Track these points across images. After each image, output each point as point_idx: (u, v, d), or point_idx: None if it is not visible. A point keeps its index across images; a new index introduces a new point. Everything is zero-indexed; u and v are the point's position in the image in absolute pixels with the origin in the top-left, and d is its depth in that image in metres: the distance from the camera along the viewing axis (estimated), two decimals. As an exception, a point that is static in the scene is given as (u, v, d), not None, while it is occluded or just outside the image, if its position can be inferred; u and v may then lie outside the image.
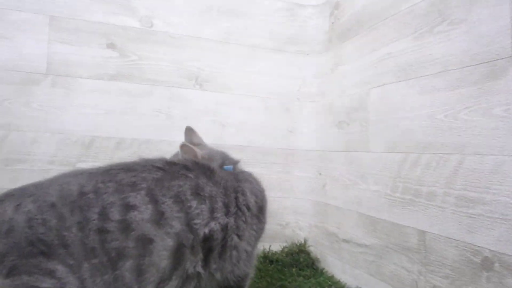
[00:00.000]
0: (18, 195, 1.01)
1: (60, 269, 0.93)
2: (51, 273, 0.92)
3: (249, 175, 1.31)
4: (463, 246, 1.13)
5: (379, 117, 1.50)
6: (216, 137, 1.86)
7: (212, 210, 1.06)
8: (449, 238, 1.17)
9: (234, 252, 1.13)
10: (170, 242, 0.99)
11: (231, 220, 1.10)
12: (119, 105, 1.75)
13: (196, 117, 1.85)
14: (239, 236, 1.13)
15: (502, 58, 1.05)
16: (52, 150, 1.66)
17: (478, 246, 1.09)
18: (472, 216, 1.10)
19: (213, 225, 1.06)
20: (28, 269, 0.92)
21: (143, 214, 0.98)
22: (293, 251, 1.91)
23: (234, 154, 1.82)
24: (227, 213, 1.10)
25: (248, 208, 1.17)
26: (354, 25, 1.70)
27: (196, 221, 1.03)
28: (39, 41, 1.65)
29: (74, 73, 1.69)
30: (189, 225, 1.02)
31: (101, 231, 0.95)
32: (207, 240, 1.05)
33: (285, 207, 1.96)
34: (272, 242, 1.93)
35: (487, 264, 1.06)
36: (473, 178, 1.11)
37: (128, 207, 0.98)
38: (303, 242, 1.95)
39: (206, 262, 1.06)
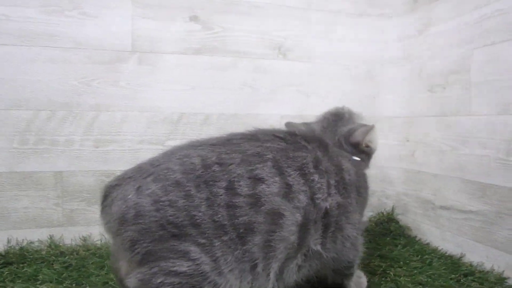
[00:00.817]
0: (135, 177, 0.97)
1: (194, 250, 0.90)
2: (185, 256, 0.90)
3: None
4: None
5: (486, 78, 1.43)
6: (301, 107, 1.82)
7: (329, 186, 1.03)
8: None
9: (343, 234, 1.08)
10: (299, 217, 0.97)
11: (341, 199, 1.05)
12: (204, 80, 1.72)
13: (281, 88, 1.81)
14: (347, 218, 1.08)
15: None
16: (141, 129, 1.66)
17: None
18: None
19: (331, 200, 1.02)
20: (162, 255, 0.90)
21: (271, 187, 0.95)
22: (382, 220, 1.88)
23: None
24: (338, 191, 1.05)
25: (357, 191, 1.13)
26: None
27: (318, 195, 1.00)
28: (124, 18, 1.63)
29: (158, 49, 1.67)
30: (313, 199, 0.99)
31: (230, 206, 0.92)
32: (326, 216, 1.02)
33: (370, 175, 1.91)
34: (359, 212, 1.90)
35: None
36: None
37: (257, 180, 0.95)
38: (390, 210, 1.92)
39: (323, 240, 1.03)
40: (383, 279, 1.35)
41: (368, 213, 1.92)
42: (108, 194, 0.98)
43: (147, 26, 1.65)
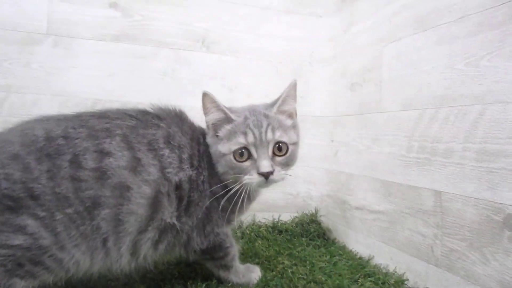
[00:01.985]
0: None
1: (31, 224, 0.89)
2: (21, 229, 0.88)
3: None
4: (483, 205, 1.04)
5: (393, 74, 1.41)
6: (224, 101, 1.78)
7: (180, 160, 1.06)
8: (467, 196, 1.09)
9: (197, 209, 1.08)
10: (147, 190, 0.98)
11: (194, 173, 1.08)
12: (123, 67, 1.69)
13: (203, 81, 1.77)
14: (200, 192, 1.09)
15: (529, -6, 0.96)
16: (52, 112, 1.60)
17: (500, 203, 1.00)
18: (494, 170, 1.01)
19: (182, 175, 1.05)
20: None
21: (119, 161, 0.96)
22: (304, 221, 1.84)
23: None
24: (191, 166, 1.08)
25: (210, 164, 1.12)
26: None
27: (168, 169, 1.03)
28: (40, -1, 1.59)
29: (75, 34, 1.63)
30: (163, 173, 1.01)
31: (74, 179, 0.91)
32: (178, 189, 1.04)
33: (296, 176, 1.88)
34: (282, 212, 1.86)
35: (510, 222, 0.97)
36: (495, 129, 1.01)
37: (103, 154, 0.96)
38: (314, 212, 1.88)
39: (178, 214, 1.05)
40: (279, 275, 1.31)
41: (293, 214, 1.88)
42: None
43: (64, 10, 1.62)
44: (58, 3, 1.61)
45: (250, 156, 1.08)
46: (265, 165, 1.05)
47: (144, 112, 1.11)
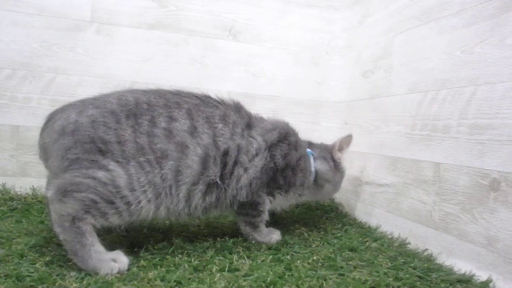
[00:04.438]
0: (79, 105, 1.21)
1: (112, 164, 1.14)
2: (104, 167, 1.13)
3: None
4: (473, 172, 1.21)
5: (402, 61, 1.58)
6: (248, 86, 1.97)
7: (232, 133, 1.32)
8: (461, 166, 1.25)
9: (241, 171, 1.33)
10: (199, 151, 1.24)
11: (243, 142, 1.34)
12: (157, 53, 1.88)
13: (229, 67, 1.96)
14: (248, 159, 1.34)
15: (516, -10, 1.12)
16: (95, 92, 1.77)
17: (487, 169, 1.16)
18: (482, 142, 1.18)
19: (231, 143, 1.31)
20: (86, 164, 1.12)
21: (182, 126, 1.24)
22: (318, 197, 2.01)
23: (265, 104, 1.95)
24: (242, 137, 1.34)
25: (264, 140, 1.39)
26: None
27: (219, 138, 1.29)
28: (84, -11, 1.79)
29: (116, 22, 1.83)
30: (214, 141, 1.28)
31: (150, 135, 1.19)
32: (225, 155, 1.29)
33: (312, 156, 2.06)
34: (298, 188, 2.04)
35: (494, 185, 1.14)
36: (484, 106, 1.18)
37: (172, 119, 1.23)
38: (327, 189, 2.05)
39: (222, 175, 1.30)
40: (296, 238, 1.48)
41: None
42: (51, 117, 1.22)
43: (106, 0, 1.82)
44: (101, -7, 1.81)
45: None
46: None
47: (208, 96, 1.38)
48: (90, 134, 1.14)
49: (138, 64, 1.86)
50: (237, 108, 1.41)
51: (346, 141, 1.62)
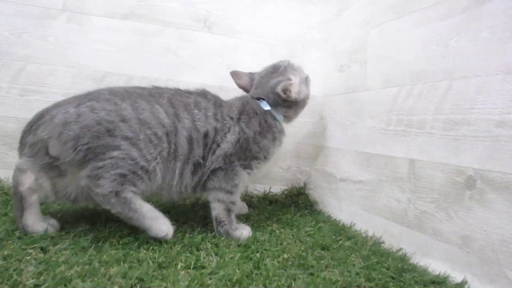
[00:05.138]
0: (73, 100, 1.29)
1: (123, 143, 1.25)
2: (117, 147, 1.24)
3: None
4: (449, 169, 1.18)
5: (376, 55, 1.55)
6: (223, 78, 1.91)
7: (206, 117, 1.44)
8: (436, 162, 1.23)
9: (215, 146, 1.44)
10: (185, 133, 1.38)
11: (219, 125, 1.46)
12: (131, 44, 1.82)
13: (204, 58, 1.91)
14: (224, 136, 1.46)
15: (492, -17, 1.09)
16: (66, 83, 1.75)
17: (462, 166, 1.14)
18: (457, 138, 1.15)
19: (208, 127, 1.43)
20: (101, 151, 1.22)
21: (169, 110, 1.37)
22: (293, 193, 1.98)
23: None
24: (216, 120, 1.46)
25: (231, 118, 1.49)
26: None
27: (197, 122, 1.41)
28: (56, -23, 1.72)
29: (88, 11, 1.77)
30: (194, 125, 1.41)
31: (152, 111, 1.33)
32: (205, 137, 1.42)
33: (288, 151, 2.02)
34: (272, 184, 2.00)
35: (470, 182, 1.12)
36: (459, 101, 1.15)
37: (160, 105, 1.37)
38: (302, 185, 2.02)
39: (203, 156, 1.43)
40: (267, 235, 1.45)
41: (283, 187, 2.02)
42: (44, 114, 1.27)
43: (78, -12, 1.75)
44: (72, -19, 1.74)
45: None
46: None
47: (178, 89, 1.51)
48: (94, 117, 1.23)
49: (111, 54, 1.80)
50: (204, 94, 1.52)
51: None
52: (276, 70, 1.60)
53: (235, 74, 1.67)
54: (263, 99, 1.56)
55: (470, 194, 1.11)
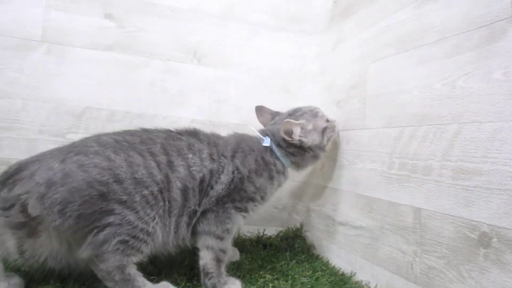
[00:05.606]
0: (55, 154, 1.18)
1: (118, 207, 1.13)
2: (112, 212, 1.12)
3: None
4: (460, 222, 1.05)
5: (376, 92, 1.43)
6: (212, 113, 1.81)
7: (201, 159, 1.33)
8: (445, 214, 1.10)
9: (209, 189, 1.33)
10: (179, 184, 1.26)
11: (215, 166, 1.35)
12: (114, 76, 1.71)
13: (192, 92, 1.80)
14: (218, 178, 1.35)
15: (502, 20, 0.98)
16: (41, 119, 1.62)
17: (476, 221, 1.01)
18: (469, 188, 1.03)
19: (204, 170, 1.32)
20: (94, 217, 1.11)
21: (162, 160, 1.26)
22: (289, 236, 1.84)
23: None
24: (211, 161, 1.35)
25: (225, 156, 1.39)
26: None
27: (193, 168, 1.30)
28: (35, 6, 1.62)
29: (69, 42, 1.66)
30: (190, 171, 1.29)
31: (146, 166, 1.21)
32: (202, 182, 1.31)
33: (283, 189, 1.88)
34: (266, 225, 1.87)
35: (484, 240, 0.99)
36: (470, 148, 1.03)
37: (153, 154, 1.26)
38: (299, 227, 1.88)
39: (200, 201, 1.32)
40: (259, 289, 1.31)
41: (278, 228, 1.88)
42: (21, 169, 1.14)
43: (59, 18, 1.64)
44: (54, 11, 1.63)
45: None
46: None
47: (169, 130, 1.40)
48: (85, 177, 1.11)
49: (92, 87, 1.68)
50: (195, 134, 1.42)
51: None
52: (294, 112, 1.54)
53: (258, 110, 1.62)
54: (268, 136, 1.48)
55: (485, 253, 0.98)
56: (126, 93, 1.72)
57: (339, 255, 1.61)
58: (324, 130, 1.51)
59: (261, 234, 1.85)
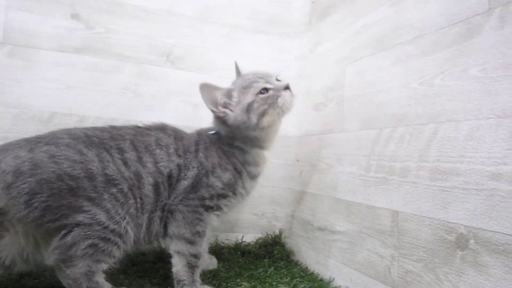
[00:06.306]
0: (23, 144, 1.11)
1: (86, 204, 1.08)
2: (80, 209, 1.07)
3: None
4: (437, 224, 1.02)
5: (354, 93, 1.41)
6: (188, 118, 1.75)
7: (168, 155, 1.30)
8: (422, 216, 1.07)
9: (178, 187, 1.29)
10: (150, 179, 1.23)
11: (181, 161, 1.31)
12: (83, 80, 1.64)
13: (167, 96, 1.74)
14: (186, 173, 1.30)
15: (478, 14, 0.96)
16: (5, 125, 1.54)
17: (453, 223, 0.98)
18: (446, 189, 1.00)
19: (171, 165, 1.29)
20: (63, 212, 1.06)
21: (132, 156, 1.23)
22: (267, 242, 1.79)
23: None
24: (178, 156, 1.31)
25: (189, 152, 1.34)
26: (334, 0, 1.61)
27: (160, 164, 1.27)
28: (-4, 7, 1.55)
29: (34, 44, 1.58)
30: (157, 168, 1.26)
31: (116, 164, 1.18)
32: (170, 177, 1.28)
33: (262, 196, 1.84)
34: (246, 232, 1.82)
35: (461, 242, 0.96)
36: (447, 148, 1.00)
37: (122, 151, 1.23)
38: (278, 233, 1.84)
39: (170, 195, 1.28)
40: (236, 297, 1.27)
41: (257, 235, 1.83)
42: None
43: (22, 19, 1.57)
44: (16, 11, 1.56)
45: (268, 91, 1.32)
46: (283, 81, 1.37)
47: (137, 126, 1.36)
48: (55, 170, 1.07)
49: (60, 92, 1.61)
50: (163, 128, 1.39)
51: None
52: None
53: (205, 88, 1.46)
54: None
55: (462, 255, 0.95)
56: (97, 97, 1.65)
57: (318, 261, 1.57)
58: (249, 107, 1.30)
59: (240, 241, 1.79)
